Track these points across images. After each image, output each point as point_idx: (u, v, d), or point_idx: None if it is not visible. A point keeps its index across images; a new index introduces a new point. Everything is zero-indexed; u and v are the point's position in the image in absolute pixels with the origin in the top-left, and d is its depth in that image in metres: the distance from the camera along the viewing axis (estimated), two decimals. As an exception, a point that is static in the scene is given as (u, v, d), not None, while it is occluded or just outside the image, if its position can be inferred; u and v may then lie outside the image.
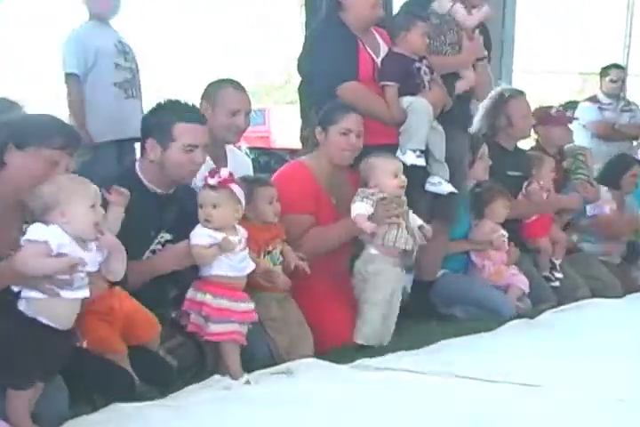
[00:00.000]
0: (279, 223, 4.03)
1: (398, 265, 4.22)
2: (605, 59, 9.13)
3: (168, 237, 3.65)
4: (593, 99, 8.10)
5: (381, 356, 3.99)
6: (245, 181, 3.92)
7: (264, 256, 3.87)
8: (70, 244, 2.80)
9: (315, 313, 4.15)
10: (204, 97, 4.31)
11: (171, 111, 3.76)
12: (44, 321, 2.80)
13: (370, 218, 4.10)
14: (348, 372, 3.78)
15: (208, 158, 3.89)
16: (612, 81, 7.99)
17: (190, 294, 3.56)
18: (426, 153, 4.58)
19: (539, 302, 5.21)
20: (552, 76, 15.50)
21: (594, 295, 5.50)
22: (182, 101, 3.83)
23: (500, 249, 5.09)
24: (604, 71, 8.12)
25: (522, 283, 5.14)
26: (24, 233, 2.85)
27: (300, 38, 6.24)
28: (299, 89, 4.99)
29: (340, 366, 3.82)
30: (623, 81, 8.19)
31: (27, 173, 3.00)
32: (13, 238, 2.94)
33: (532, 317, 4.92)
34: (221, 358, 3.54)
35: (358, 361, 3.91)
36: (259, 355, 3.71)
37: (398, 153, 4.49)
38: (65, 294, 2.80)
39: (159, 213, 3.67)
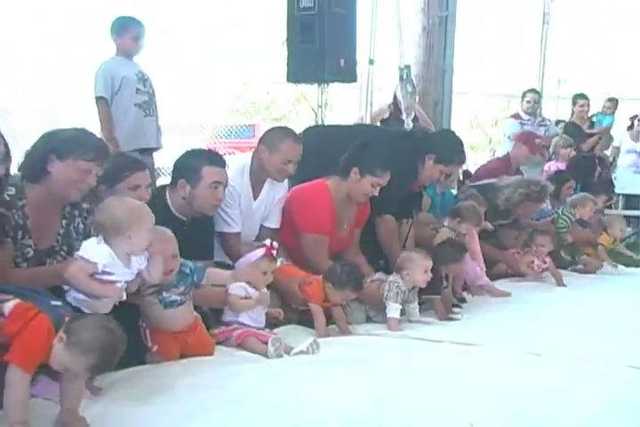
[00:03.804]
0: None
1: None
2: (525, 83, 10.37)
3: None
4: (516, 115, 9.26)
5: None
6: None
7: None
8: (115, 264, 3.06)
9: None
10: (263, 141, 4.68)
11: (199, 157, 4.23)
12: (86, 311, 3.09)
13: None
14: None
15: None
16: (528, 102, 9.15)
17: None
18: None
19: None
20: (483, 97, 16.77)
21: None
22: (206, 149, 4.35)
23: None
24: (524, 94, 9.28)
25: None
26: (72, 243, 3.29)
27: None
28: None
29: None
30: (537, 102, 9.19)
31: (66, 180, 3.31)
32: (55, 230, 3.38)
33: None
34: None
35: (331, 326, 4.40)
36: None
37: None
38: (105, 299, 3.11)
39: (180, 236, 3.65)
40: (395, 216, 5.38)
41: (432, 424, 2.92)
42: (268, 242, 3.99)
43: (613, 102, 10.01)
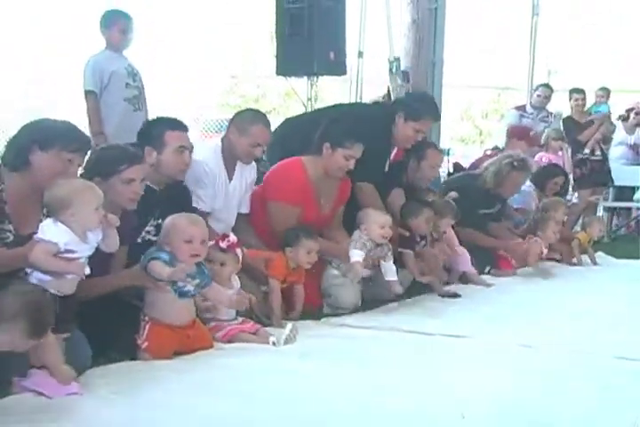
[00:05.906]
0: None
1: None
2: (516, 75, 10.35)
3: (160, 221, 3.96)
4: (520, 107, 9.31)
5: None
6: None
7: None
8: (74, 241, 3.13)
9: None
10: (234, 122, 4.70)
11: (160, 123, 4.30)
12: (52, 291, 3.13)
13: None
14: (316, 327, 4.30)
15: None
16: (538, 95, 9.15)
17: None
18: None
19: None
20: (474, 89, 16.78)
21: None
22: (166, 116, 4.38)
23: None
24: (536, 87, 9.33)
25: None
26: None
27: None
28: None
29: (308, 322, 4.33)
30: (547, 97, 9.16)
31: (49, 170, 3.34)
32: (37, 217, 3.30)
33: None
34: None
35: (323, 319, 4.50)
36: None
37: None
38: (69, 276, 3.18)
39: (154, 203, 4.02)
40: (382, 185, 5.44)
41: (424, 417, 2.92)
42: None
43: (605, 91, 9.93)
